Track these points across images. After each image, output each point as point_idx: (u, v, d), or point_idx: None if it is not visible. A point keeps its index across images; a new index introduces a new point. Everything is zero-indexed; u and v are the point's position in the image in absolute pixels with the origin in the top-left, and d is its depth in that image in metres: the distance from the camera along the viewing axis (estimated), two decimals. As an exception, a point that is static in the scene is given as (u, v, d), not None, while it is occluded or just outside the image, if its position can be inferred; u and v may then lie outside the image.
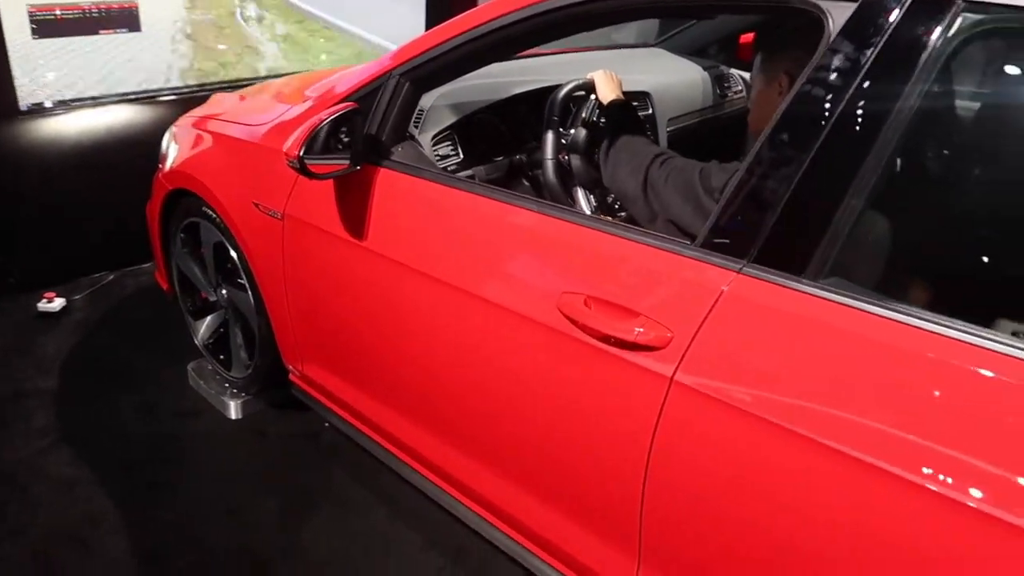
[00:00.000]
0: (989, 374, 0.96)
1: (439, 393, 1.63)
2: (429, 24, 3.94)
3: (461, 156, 1.94)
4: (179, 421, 2.39)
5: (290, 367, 2.14)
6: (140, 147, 3.06)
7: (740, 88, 2.81)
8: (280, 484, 2.16)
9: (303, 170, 1.54)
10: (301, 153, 1.51)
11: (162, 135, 2.43)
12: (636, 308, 1.23)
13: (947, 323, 1.00)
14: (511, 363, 1.44)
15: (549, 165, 1.80)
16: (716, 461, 1.18)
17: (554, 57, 2.42)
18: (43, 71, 2.87)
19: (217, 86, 3.30)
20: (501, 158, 1.99)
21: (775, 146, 1.16)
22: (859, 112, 1.10)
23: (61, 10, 2.88)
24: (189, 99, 3.13)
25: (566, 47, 2.53)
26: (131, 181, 3.09)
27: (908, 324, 1.02)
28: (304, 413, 2.41)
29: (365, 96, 1.68)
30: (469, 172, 1.93)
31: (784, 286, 1.12)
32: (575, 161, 1.82)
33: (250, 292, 2.15)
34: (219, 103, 2.42)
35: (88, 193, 3.11)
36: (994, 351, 0.95)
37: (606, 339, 1.24)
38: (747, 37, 2.81)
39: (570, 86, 1.87)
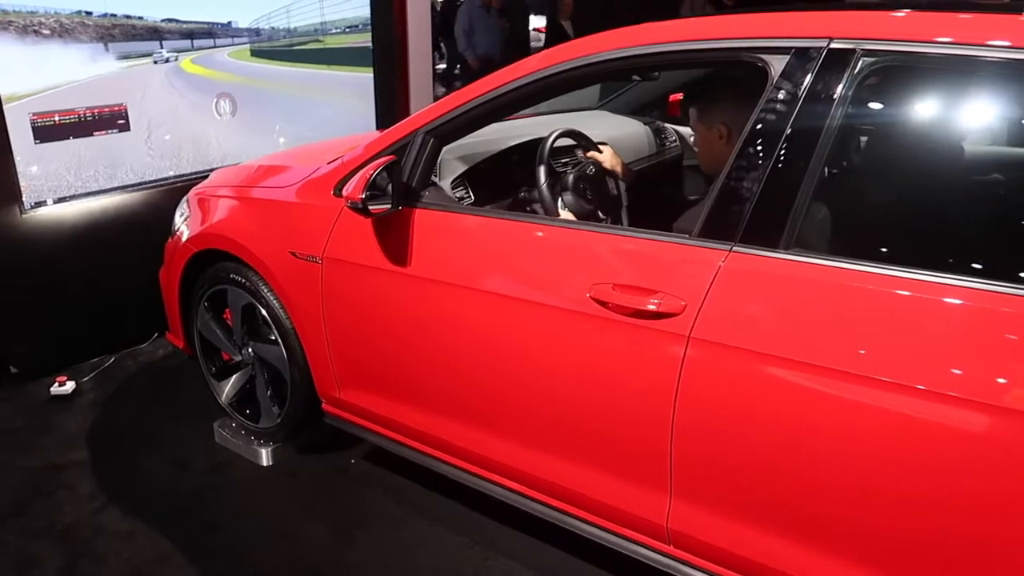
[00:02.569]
0: (906, 294, 1.38)
1: (487, 390, 1.94)
2: (379, 113, 4.41)
3: (473, 198, 2.32)
4: (214, 472, 2.59)
5: (324, 399, 2.40)
6: (132, 234, 3.31)
7: (675, 138, 3.31)
8: (321, 511, 2.39)
9: (363, 210, 1.88)
10: (364, 196, 1.85)
11: (150, 222, 2.62)
12: (654, 287, 1.60)
13: (875, 266, 1.42)
14: (552, 350, 1.77)
15: (544, 190, 2.20)
16: (731, 395, 1.54)
17: (525, 119, 2.87)
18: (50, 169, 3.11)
19: (197, 176, 3.56)
20: (509, 199, 2.38)
21: (745, 159, 1.57)
22: (800, 131, 1.52)
23: (59, 116, 3.14)
24: (175, 188, 3.40)
25: (528, 114, 2.98)
26: (123, 267, 3.34)
27: (851, 270, 1.44)
28: (329, 453, 2.67)
29: (397, 150, 2.04)
30: None
31: (765, 256, 1.52)
32: (566, 196, 2.23)
33: (282, 344, 2.42)
34: (228, 176, 2.71)
35: (84, 282, 3.30)
36: (911, 279, 1.38)
37: (634, 313, 1.61)
38: (675, 97, 3.33)
39: (553, 136, 2.32)
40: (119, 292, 3.40)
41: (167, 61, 3.45)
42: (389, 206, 1.92)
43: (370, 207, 1.88)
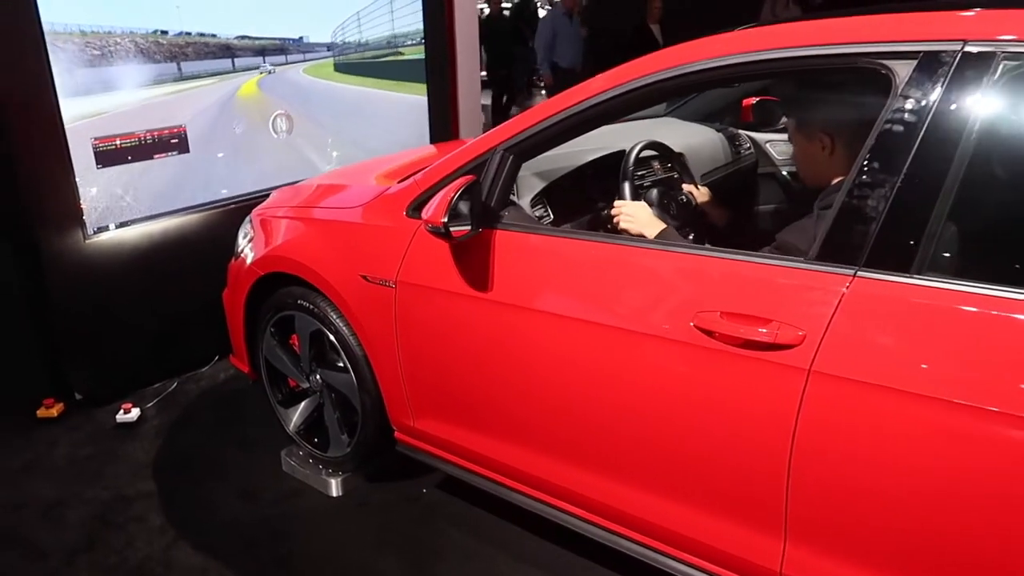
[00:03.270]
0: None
1: (576, 423, 1.82)
2: (433, 130, 4.34)
3: (551, 216, 2.21)
4: (283, 503, 2.52)
5: (397, 427, 2.31)
6: (191, 256, 3.28)
7: (749, 145, 3.16)
8: (395, 543, 2.30)
9: (446, 234, 1.78)
10: (446, 220, 1.75)
11: (209, 243, 2.54)
12: (767, 316, 1.47)
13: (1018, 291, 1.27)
14: (650, 382, 1.65)
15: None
16: (858, 434, 1.39)
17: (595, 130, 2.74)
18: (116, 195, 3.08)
19: (262, 193, 3.52)
20: (589, 215, 2.27)
21: (869, 174, 1.43)
22: (932, 143, 1.38)
23: (120, 140, 3.12)
24: (233, 209, 3.37)
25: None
26: (183, 289, 3.30)
27: (993, 296, 1.29)
28: (399, 481, 2.57)
29: (474, 169, 1.94)
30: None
31: (895, 281, 1.37)
32: (652, 211, 2.11)
33: (352, 371, 2.33)
34: (290, 195, 2.64)
35: (146, 306, 3.27)
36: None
37: (745, 344, 1.48)
38: (748, 101, 3.19)
39: (636, 149, 2.20)
40: (180, 315, 3.36)
41: (270, 72, 3.56)
42: (469, 228, 1.82)
43: (451, 230, 1.78)
